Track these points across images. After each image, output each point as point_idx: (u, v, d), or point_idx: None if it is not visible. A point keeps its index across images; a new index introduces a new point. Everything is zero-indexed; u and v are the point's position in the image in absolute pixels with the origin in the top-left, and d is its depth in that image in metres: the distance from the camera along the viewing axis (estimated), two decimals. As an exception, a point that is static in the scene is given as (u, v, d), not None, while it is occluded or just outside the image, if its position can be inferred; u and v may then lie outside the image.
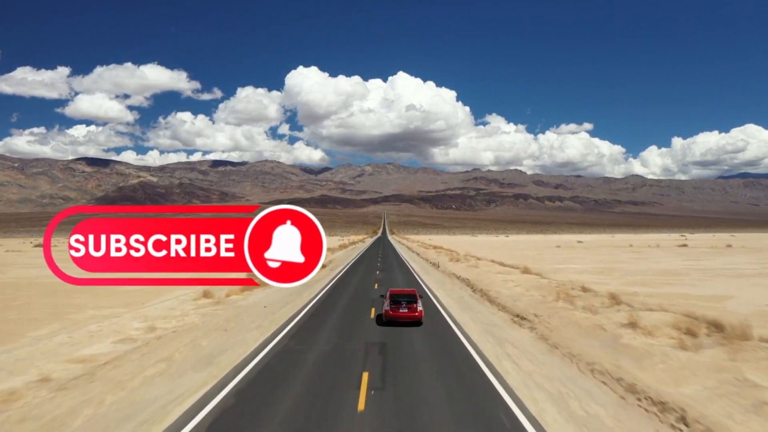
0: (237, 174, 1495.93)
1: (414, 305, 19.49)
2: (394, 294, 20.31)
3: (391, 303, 19.67)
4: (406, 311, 19.28)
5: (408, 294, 20.32)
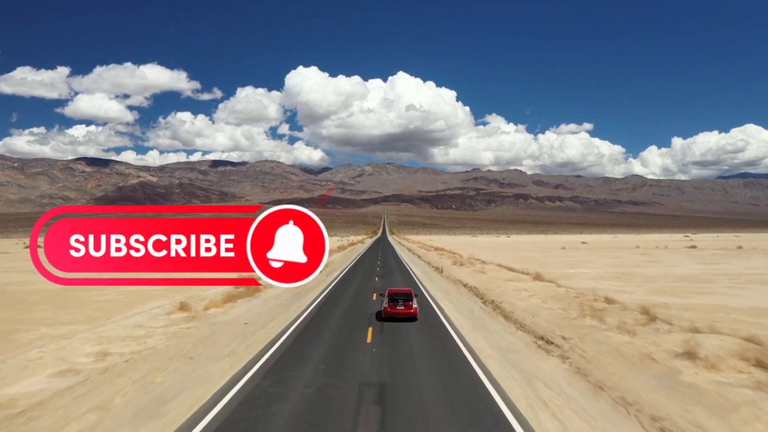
0: (237, 174, 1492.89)
1: (410, 303, 21.29)
2: (391, 293, 22.30)
3: (390, 301, 21.47)
4: (402, 308, 21.09)
5: (404, 293, 22.31)
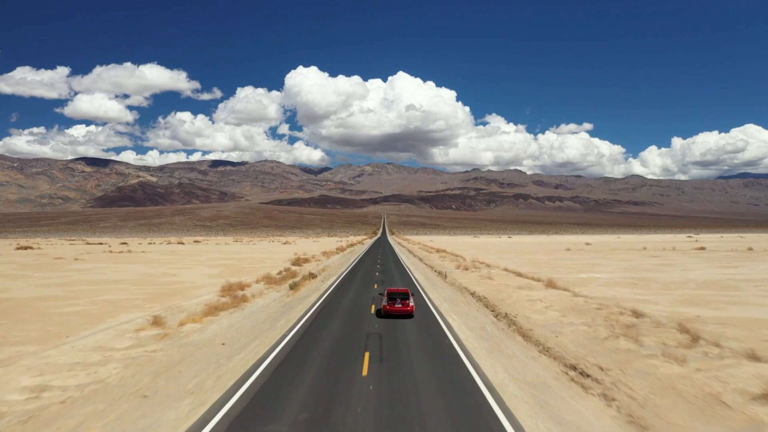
0: (237, 174, 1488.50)
1: (407, 301, 23.39)
2: (390, 292, 24.33)
3: (389, 300, 23.54)
4: (400, 306, 23.04)
5: (402, 292, 24.32)
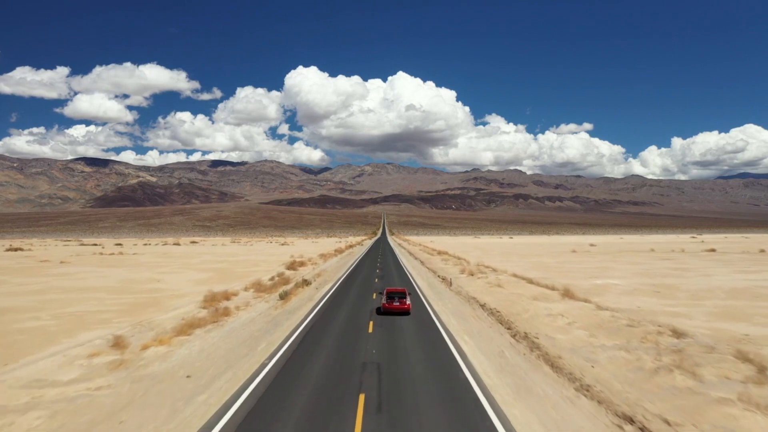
0: (236, 174, 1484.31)
1: (404, 300, 25.34)
2: (389, 291, 26.26)
3: (387, 298, 25.44)
4: (398, 304, 24.98)
5: (399, 292, 26.16)
